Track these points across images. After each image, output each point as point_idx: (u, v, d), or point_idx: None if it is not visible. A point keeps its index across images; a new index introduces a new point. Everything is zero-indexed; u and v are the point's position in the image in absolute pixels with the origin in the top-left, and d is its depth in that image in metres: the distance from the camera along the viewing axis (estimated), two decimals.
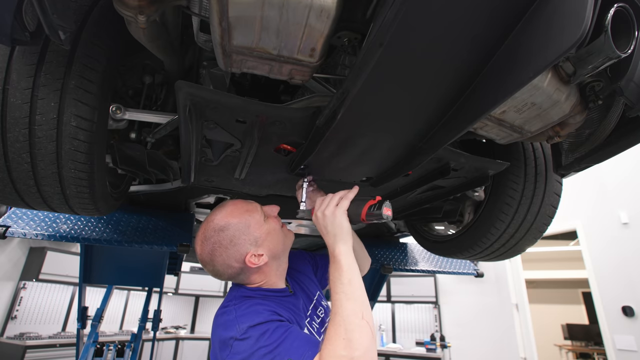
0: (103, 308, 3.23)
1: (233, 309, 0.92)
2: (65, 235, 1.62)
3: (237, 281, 1.04)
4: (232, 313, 0.90)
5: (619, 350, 3.92)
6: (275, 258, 1.04)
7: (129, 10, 0.73)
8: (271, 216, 1.07)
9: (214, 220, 0.99)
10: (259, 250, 0.98)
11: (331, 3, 0.68)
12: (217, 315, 0.95)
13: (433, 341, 5.97)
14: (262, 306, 0.92)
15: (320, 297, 1.20)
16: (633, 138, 0.95)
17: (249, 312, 0.89)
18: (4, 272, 5.12)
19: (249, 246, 0.97)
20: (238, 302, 0.95)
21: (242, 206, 1.03)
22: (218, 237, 0.96)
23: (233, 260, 0.96)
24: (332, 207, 0.96)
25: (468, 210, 1.64)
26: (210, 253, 0.97)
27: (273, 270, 1.04)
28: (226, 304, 0.97)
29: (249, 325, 0.83)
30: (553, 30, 0.61)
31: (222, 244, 0.96)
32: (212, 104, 0.90)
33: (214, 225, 0.98)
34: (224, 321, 0.90)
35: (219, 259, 0.97)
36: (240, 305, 0.93)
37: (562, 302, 8.73)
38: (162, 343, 7.02)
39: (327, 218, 0.95)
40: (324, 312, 1.16)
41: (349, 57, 1.04)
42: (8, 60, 0.84)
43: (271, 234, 1.02)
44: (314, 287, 1.22)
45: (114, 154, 1.21)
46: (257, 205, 1.06)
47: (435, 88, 0.80)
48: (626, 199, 4.13)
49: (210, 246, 0.97)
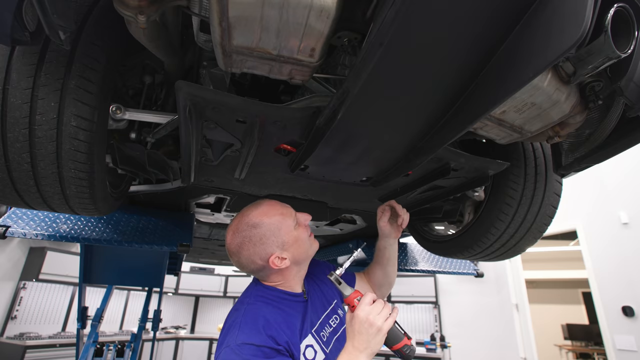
0: (103, 308, 3.23)
1: (245, 310, 0.98)
2: (65, 235, 1.61)
3: (257, 277, 1.09)
4: (241, 314, 0.96)
5: (619, 350, 3.92)
6: (297, 264, 1.07)
7: (129, 10, 0.73)
8: (302, 224, 1.10)
9: (249, 216, 1.03)
10: (284, 254, 1.02)
11: (331, 3, 0.68)
12: (234, 309, 1.02)
13: (433, 341, 5.97)
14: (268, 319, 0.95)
15: (336, 306, 1.22)
16: (633, 138, 0.95)
17: (254, 322, 0.94)
18: (4, 272, 5.11)
19: (276, 248, 1.01)
20: (252, 301, 1.01)
21: (277, 208, 1.06)
22: (249, 233, 1.01)
23: (258, 257, 1.01)
24: (382, 320, 0.91)
25: (468, 210, 1.64)
26: (238, 245, 1.02)
27: (292, 274, 1.08)
28: (243, 299, 1.04)
29: (244, 341, 0.88)
30: (553, 30, 0.61)
31: (252, 240, 1.00)
32: (212, 104, 0.90)
33: (247, 220, 1.02)
34: (233, 319, 0.97)
35: (245, 252, 1.01)
36: (251, 308, 0.98)
37: (562, 302, 8.73)
38: (162, 343, 7.02)
39: (372, 327, 0.90)
40: (338, 321, 1.18)
41: (349, 57, 1.04)
42: (8, 60, 0.84)
43: (298, 242, 1.06)
44: (332, 295, 1.25)
45: (114, 154, 1.21)
46: (291, 210, 1.09)
47: (435, 88, 0.80)
48: (626, 199, 4.13)
49: (240, 239, 1.02)
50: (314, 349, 1.02)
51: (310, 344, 1.02)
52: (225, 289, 8.34)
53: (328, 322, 1.14)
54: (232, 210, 1.93)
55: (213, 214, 2.04)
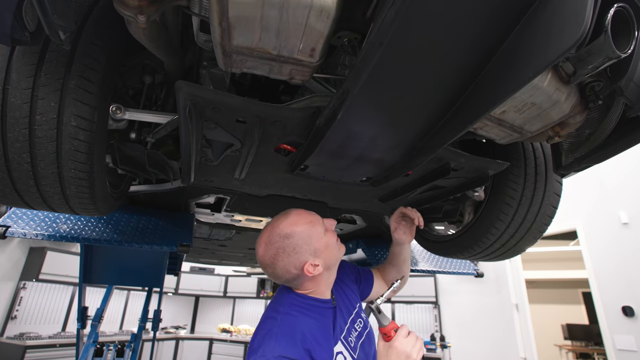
0: (103, 308, 3.23)
1: (281, 320, 0.98)
2: (65, 235, 1.61)
3: (291, 285, 1.10)
4: (277, 324, 0.97)
5: (619, 350, 3.92)
6: (328, 269, 1.10)
7: (129, 10, 0.73)
8: (329, 229, 1.12)
9: (279, 227, 1.05)
10: (317, 261, 1.03)
11: (331, 3, 0.68)
12: (266, 317, 1.03)
13: (433, 341, 5.97)
14: (304, 331, 0.97)
15: (360, 309, 1.25)
16: (633, 138, 0.95)
17: (291, 334, 0.95)
18: (4, 272, 5.11)
19: (309, 256, 1.03)
20: (287, 310, 1.03)
21: (306, 216, 1.08)
22: (282, 244, 1.02)
23: (292, 266, 1.03)
24: (416, 353, 0.94)
25: (468, 210, 1.64)
26: (272, 257, 1.04)
27: (324, 279, 1.10)
28: (277, 307, 1.04)
29: (281, 353, 0.89)
30: (553, 30, 0.61)
31: (286, 251, 1.02)
32: (212, 104, 0.90)
33: (279, 232, 1.04)
34: (268, 328, 0.98)
35: (280, 263, 1.03)
36: (287, 319, 1.00)
37: (562, 302, 8.73)
38: (162, 343, 7.02)
39: (408, 359, 0.94)
40: (362, 325, 1.20)
41: (349, 57, 1.04)
42: (8, 60, 0.84)
43: (329, 247, 1.08)
44: (355, 298, 1.27)
45: (114, 154, 1.21)
46: (318, 217, 1.12)
47: (435, 88, 0.80)
48: (626, 199, 4.13)
49: (274, 251, 1.03)
50: (344, 356, 1.05)
51: (340, 351, 1.04)
52: (225, 289, 8.34)
53: (354, 327, 1.16)
54: (232, 210, 1.93)
55: (213, 214, 2.04)
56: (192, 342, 7.55)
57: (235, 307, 8.46)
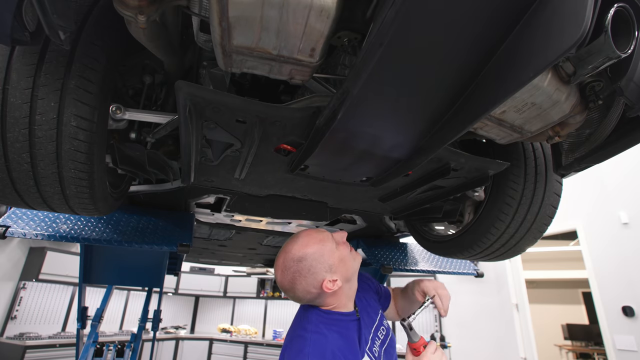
0: (103, 308, 3.22)
1: (310, 339, 1.00)
2: (65, 235, 1.61)
3: (314, 304, 1.12)
4: (308, 344, 0.99)
5: (619, 350, 3.92)
6: (347, 281, 1.11)
7: (129, 10, 0.73)
8: (341, 243, 1.13)
9: (291, 251, 1.07)
10: (334, 276, 1.05)
11: (331, 3, 0.68)
12: (295, 336, 1.04)
13: None
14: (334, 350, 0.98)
15: (382, 318, 1.26)
16: (633, 138, 0.95)
17: (322, 354, 0.97)
18: (4, 272, 5.11)
19: (325, 273, 1.05)
20: (316, 329, 1.04)
21: (315, 236, 1.10)
22: (297, 267, 1.05)
23: (312, 287, 1.05)
24: None
25: (468, 210, 1.64)
26: (291, 281, 1.06)
27: (345, 292, 1.12)
28: (305, 325, 1.06)
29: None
30: (553, 30, 0.61)
31: (302, 273, 1.04)
32: (212, 104, 0.90)
33: (292, 256, 1.06)
34: (299, 348, 0.99)
35: (299, 286, 1.06)
36: (317, 338, 1.01)
37: (562, 302, 8.73)
38: (162, 343, 7.02)
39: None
40: (385, 332, 1.21)
41: (349, 57, 1.04)
42: (8, 60, 0.84)
43: (343, 260, 1.10)
44: (376, 306, 1.28)
45: (114, 154, 1.21)
46: (328, 234, 1.13)
47: (435, 88, 0.80)
48: (626, 199, 4.13)
49: (291, 275, 1.06)
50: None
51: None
52: (225, 289, 8.33)
53: (377, 335, 1.17)
54: (232, 210, 1.93)
55: (213, 214, 2.04)
56: (192, 342, 7.55)
57: (235, 307, 8.45)
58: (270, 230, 2.45)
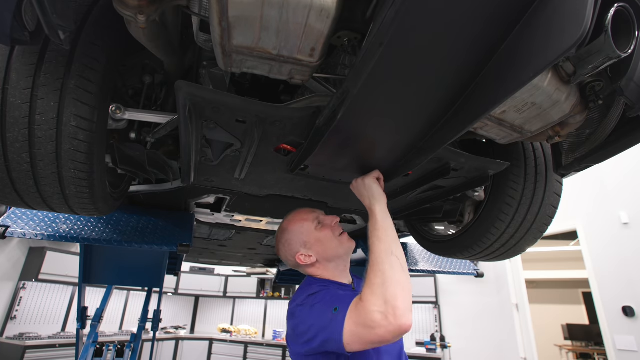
0: (103, 308, 3.22)
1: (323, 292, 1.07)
2: (65, 235, 1.61)
3: (301, 271, 1.26)
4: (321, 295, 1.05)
5: (619, 350, 3.91)
6: (328, 260, 1.20)
7: (128, 10, 0.73)
8: (328, 225, 1.23)
9: (282, 224, 1.27)
10: (309, 252, 1.18)
11: (331, 3, 0.68)
12: (308, 293, 1.09)
13: (433, 341, 5.96)
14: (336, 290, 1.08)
15: None
16: (633, 138, 0.95)
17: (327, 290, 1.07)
18: (4, 272, 5.11)
19: (299, 247, 1.19)
20: (321, 288, 1.10)
21: (300, 215, 1.25)
22: (282, 238, 1.24)
23: (289, 255, 1.22)
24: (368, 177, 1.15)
25: (468, 210, 1.64)
26: (278, 248, 1.27)
27: (329, 269, 1.21)
28: (310, 287, 1.13)
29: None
30: (553, 30, 0.60)
31: (283, 243, 1.23)
32: (212, 104, 0.90)
33: (281, 228, 1.26)
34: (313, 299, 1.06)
35: (282, 253, 1.25)
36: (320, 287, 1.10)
37: (562, 302, 8.73)
38: (162, 343, 7.02)
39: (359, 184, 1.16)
40: None
41: (349, 57, 1.04)
42: (8, 60, 0.84)
43: (320, 240, 1.20)
44: None
45: (114, 154, 1.21)
46: (313, 215, 1.24)
47: (435, 88, 0.80)
48: (626, 199, 4.12)
49: (278, 243, 1.26)
50: None
51: None
52: (225, 289, 8.33)
53: None
54: (232, 210, 1.93)
55: (213, 214, 2.04)
56: (192, 342, 7.55)
57: (235, 307, 8.45)
58: (270, 230, 2.45)
